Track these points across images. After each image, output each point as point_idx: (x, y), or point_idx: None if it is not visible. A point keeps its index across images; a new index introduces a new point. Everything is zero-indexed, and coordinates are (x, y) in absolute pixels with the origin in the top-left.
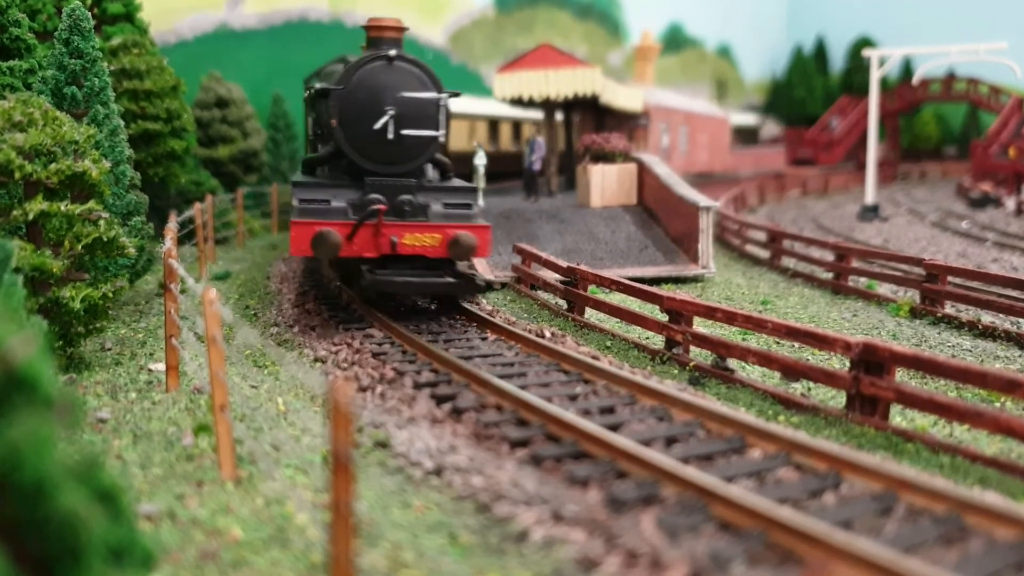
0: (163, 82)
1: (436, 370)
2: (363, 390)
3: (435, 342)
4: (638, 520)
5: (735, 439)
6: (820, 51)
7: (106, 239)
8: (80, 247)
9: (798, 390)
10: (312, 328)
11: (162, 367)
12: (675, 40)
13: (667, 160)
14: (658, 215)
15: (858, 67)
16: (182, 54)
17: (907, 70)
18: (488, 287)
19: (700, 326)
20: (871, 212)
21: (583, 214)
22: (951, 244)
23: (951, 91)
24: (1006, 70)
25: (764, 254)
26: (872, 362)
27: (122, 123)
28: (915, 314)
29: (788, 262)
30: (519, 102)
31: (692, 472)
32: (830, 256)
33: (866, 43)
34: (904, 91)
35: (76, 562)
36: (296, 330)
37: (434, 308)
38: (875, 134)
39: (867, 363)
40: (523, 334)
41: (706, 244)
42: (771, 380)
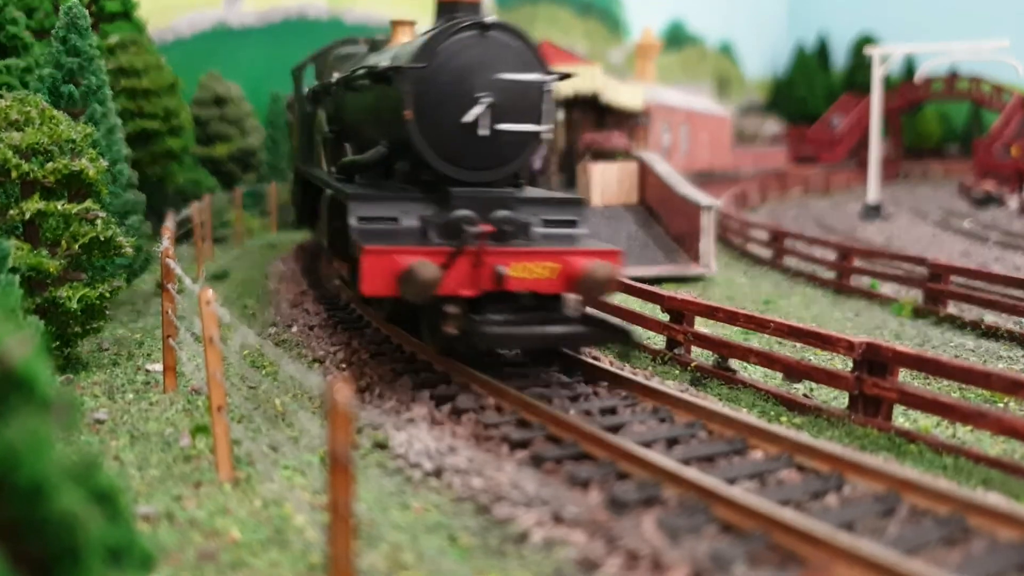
0: (161, 80)
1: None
2: (361, 391)
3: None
4: (639, 521)
5: (737, 440)
6: (822, 49)
7: (103, 239)
8: (77, 247)
9: (800, 391)
10: (311, 328)
11: (159, 368)
12: (676, 37)
13: (668, 158)
14: (659, 214)
15: (860, 65)
16: (180, 52)
17: (909, 68)
18: (634, 341)
19: (702, 326)
20: (874, 211)
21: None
22: (954, 243)
23: (953, 89)
24: (1009, 68)
25: (766, 253)
26: (875, 362)
27: (119, 122)
28: (918, 314)
29: (790, 261)
30: None
31: (693, 473)
32: (832, 255)
33: (868, 41)
34: (906, 89)
35: (75, 563)
36: (295, 330)
37: None
38: (877, 133)
39: (870, 363)
40: None
41: (708, 243)
42: (773, 381)
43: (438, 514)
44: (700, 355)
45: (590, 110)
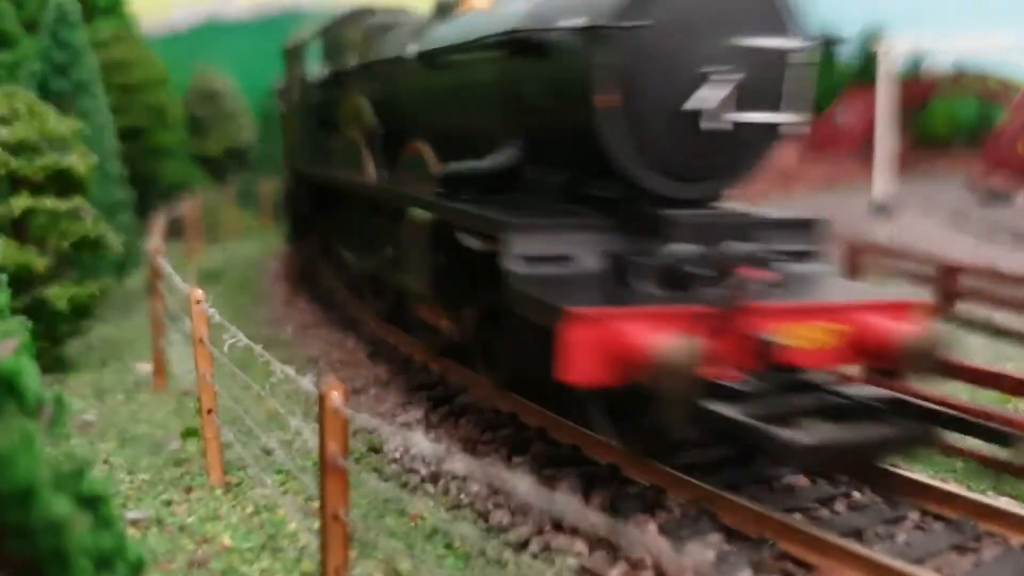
0: (152, 75)
1: None
2: (356, 393)
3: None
4: None
5: None
6: (827, 42)
7: (93, 236)
8: (66, 244)
9: None
10: (304, 327)
11: (149, 368)
12: None
13: None
14: None
15: (866, 58)
16: (174, 46)
17: (916, 63)
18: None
19: None
20: (880, 208)
21: None
22: (963, 241)
23: (960, 84)
24: (1015, 65)
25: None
26: None
27: (110, 117)
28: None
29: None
30: None
31: None
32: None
33: (875, 34)
34: (912, 84)
35: (63, 569)
36: (288, 329)
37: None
38: (884, 128)
39: None
40: None
41: None
42: None
43: (435, 521)
44: None
45: None
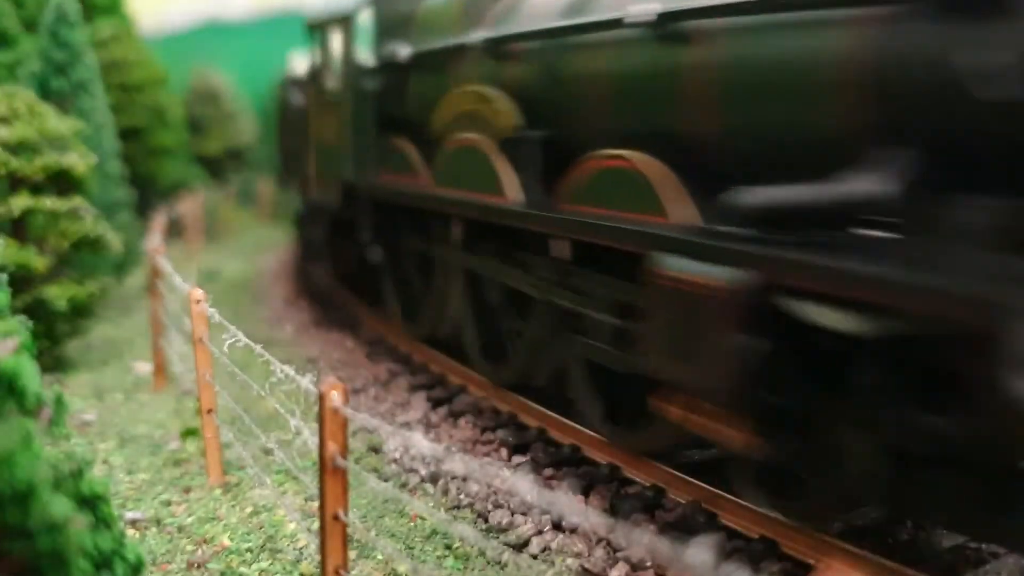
0: (152, 75)
1: None
2: (356, 392)
3: None
4: None
5: None
6: None
7: (92, 236)
8: (66, 244)
9: None
10: (304, 327)
11: (149, 368)
12: None
13: None
14: None
15: None
16: (173, 46)
17: None
18: None
19: None
20: None
21: None
22: None
23: None
24: None
25: None
26: None
27: (110, 116)
28: None
29: None
30: None
31: None
32: None
33: None
34: None
35: (62, 569)
36: (288, 329)
37: None
38: None
39: None
40: None
41: None
42: None
43: (434, 522)
44: None
45: None
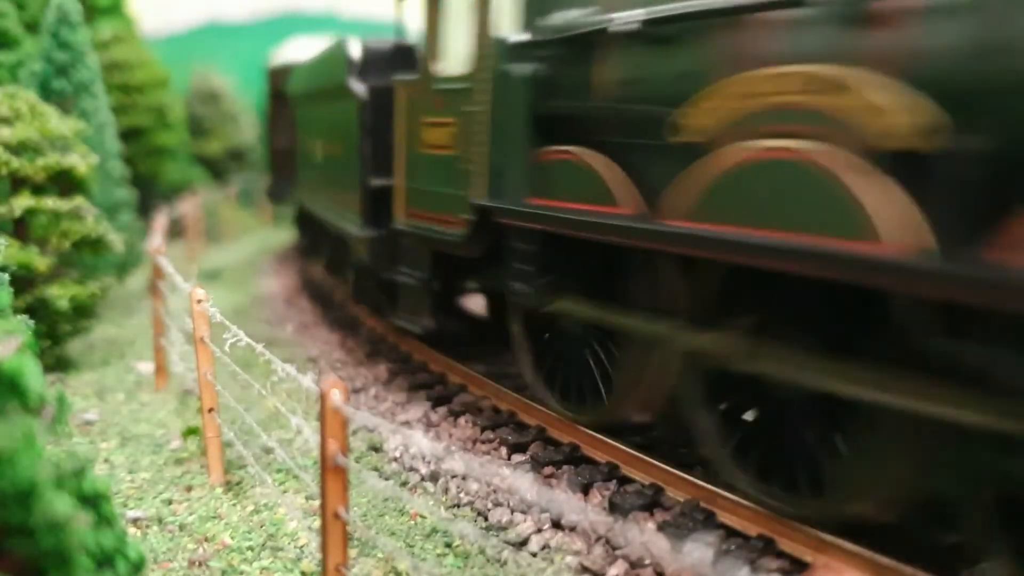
0: (153, 75)
1: None
2: (356, 392)
3: None
4: None
5: None
6: None
7: (94, 236)
8: (67, 244)
9: None
10: (305, 327)
11: (150, 367)
12: None
13: None
14: None
15: None
16: (174, 47)
17: None
18: None
19: None
20: None
21: None
22: None
23: None
24: None
25: None
26: None
27: (112, 117)
28: None
29: None
30: None
31: None
32: None
33: None
34: None
35: (64, 567)
36: (289, 328)
37: None
38: None
39: None
40: None
41: None
42: None
43: (434, 520)
44: None
45: None
